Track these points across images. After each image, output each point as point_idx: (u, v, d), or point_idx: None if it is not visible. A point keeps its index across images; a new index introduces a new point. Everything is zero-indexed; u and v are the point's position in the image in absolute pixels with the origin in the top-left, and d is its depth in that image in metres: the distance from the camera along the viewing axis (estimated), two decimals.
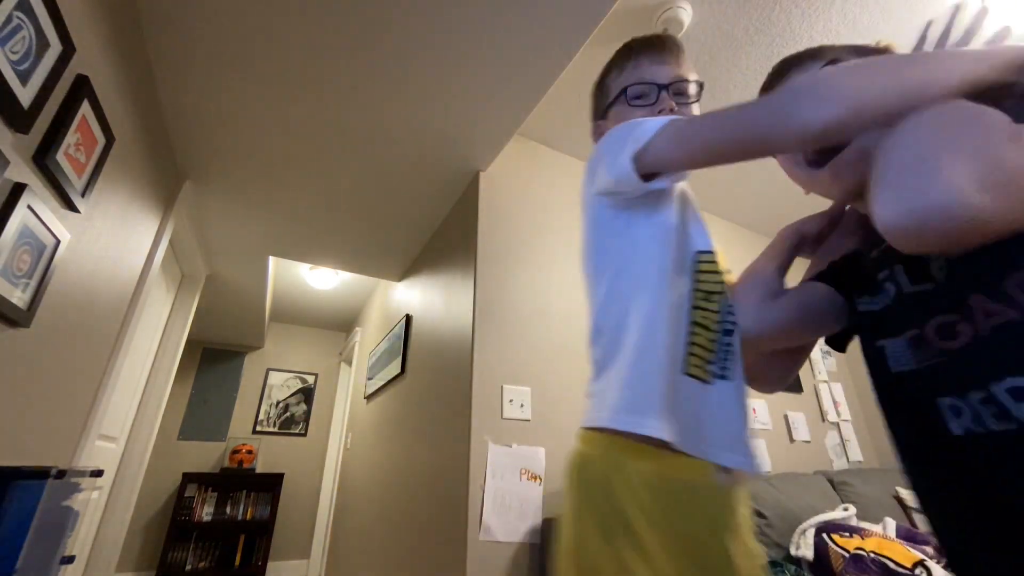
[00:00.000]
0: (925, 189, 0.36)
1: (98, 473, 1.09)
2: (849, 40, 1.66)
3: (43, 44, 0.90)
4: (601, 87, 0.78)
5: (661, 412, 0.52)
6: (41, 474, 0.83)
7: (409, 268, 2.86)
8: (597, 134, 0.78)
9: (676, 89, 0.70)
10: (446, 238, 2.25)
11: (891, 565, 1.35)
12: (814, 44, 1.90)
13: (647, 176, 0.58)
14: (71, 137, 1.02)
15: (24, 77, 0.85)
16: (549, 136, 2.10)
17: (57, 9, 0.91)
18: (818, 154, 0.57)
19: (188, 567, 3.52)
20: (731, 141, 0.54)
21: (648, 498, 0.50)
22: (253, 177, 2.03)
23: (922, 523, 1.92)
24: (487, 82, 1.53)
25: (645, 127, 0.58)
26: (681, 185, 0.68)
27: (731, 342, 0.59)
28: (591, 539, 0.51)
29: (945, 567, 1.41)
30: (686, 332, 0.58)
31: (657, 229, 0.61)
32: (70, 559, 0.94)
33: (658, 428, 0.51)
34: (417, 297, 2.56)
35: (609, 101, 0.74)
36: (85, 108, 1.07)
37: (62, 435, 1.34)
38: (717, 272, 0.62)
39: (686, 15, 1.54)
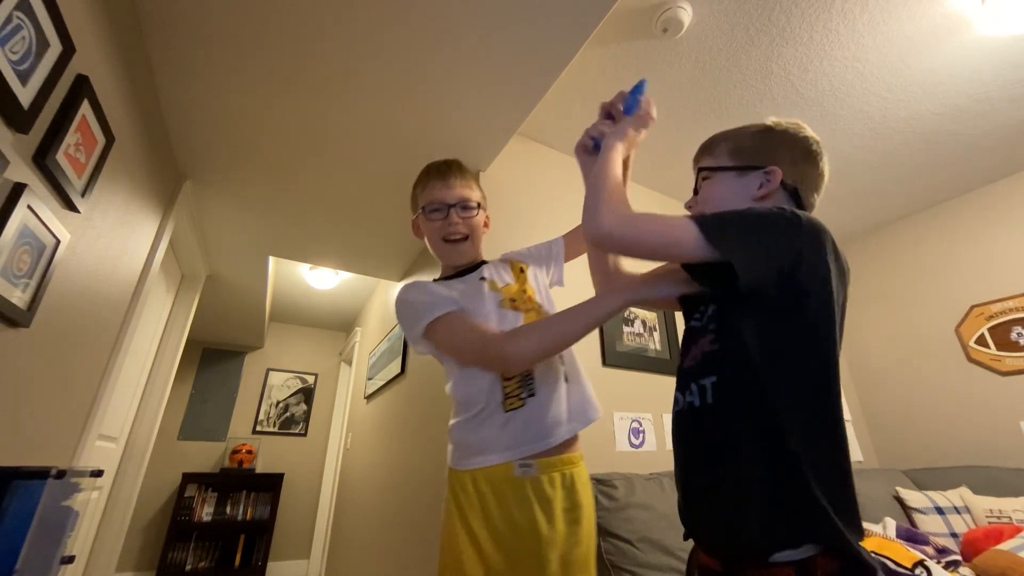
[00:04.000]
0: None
1: (98, 473, 1.09)
2: (848, 40, 1.67)
3: (43, 44, 0.90)
4: (412, 196, 1.07)
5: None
6: (41, 474, 0.83)
7: (409, 268, 2.86)
8: (415, 228, 1.07)
9: (462, 206, 0.99)
10: None
11: (891, 565, 1.35)
12: (814, 44, 1.89)
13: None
14: (71, 137, 1.02)
15: (24, 77, 0.85)
16: (549, 136, 2.10)
17: (57, 9, 0.91)
18: None
19: (188, 567, 3.52)
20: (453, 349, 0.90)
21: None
22: (253, 177, 2.03)
23: (921, 523, 1.92)
24: (487, 82, 1.53)
25: (427, 311, 0.87)
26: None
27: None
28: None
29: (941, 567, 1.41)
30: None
31: None
32: (70, 559, 0.94)
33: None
34: None
35: (417, 211, 1.03)
36: (85, 108, 1.07)
37: (62, 435, 1.34)
38: None
39: (686, 15, 1.54)
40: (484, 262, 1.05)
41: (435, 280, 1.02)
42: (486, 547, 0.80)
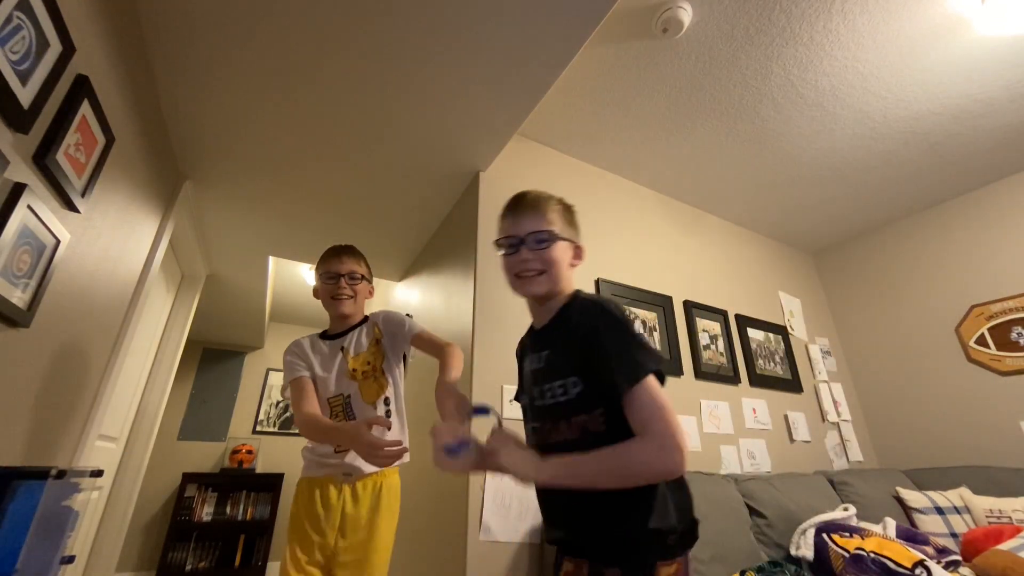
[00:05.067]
0: None
1: (98, 473, 1.09)
2: (848, 40, 1.67)
3: (43, 44, 0.90)
4: (316, 267, 1.37)
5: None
6: (41, 474, 0.83)
7: (409, 268, 2.86)
8: (314, 292, 1.38)
9: (350, 276, 1.31)
10: (446, 238, 2.25)
11: (891, 565, 1.35)
12: (814, 45, 1.89)
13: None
14: (71, 137, 1.02)
15: (24, 77, 0.85)
16: (549, 136, 2.10)
17: (57, 9, 0.91)
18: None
19: (188, 567, 3.52)
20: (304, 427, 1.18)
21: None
22: (253, 177, 2.03)
23: (921, 523, 1.93)
24: (487, 82, 1.53)
25: (288, 371, 1.26)
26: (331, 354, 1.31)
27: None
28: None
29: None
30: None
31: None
32: (70, 559, 0.94)
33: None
34: (417, 297, 2.56)
35: (317, 277, 1.35)
36: (85, 108, 1.07)
37: (62, 435, 1.34)
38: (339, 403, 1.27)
39: (686, 15, 1.55)
40: (365, 319, 1.35)
41: (320, 333, 1.35)
42: (311, 531, 1.15)
